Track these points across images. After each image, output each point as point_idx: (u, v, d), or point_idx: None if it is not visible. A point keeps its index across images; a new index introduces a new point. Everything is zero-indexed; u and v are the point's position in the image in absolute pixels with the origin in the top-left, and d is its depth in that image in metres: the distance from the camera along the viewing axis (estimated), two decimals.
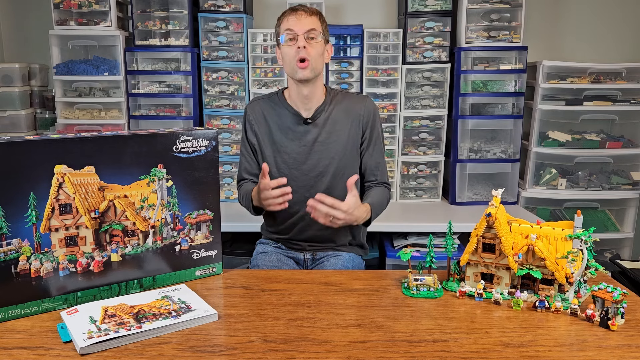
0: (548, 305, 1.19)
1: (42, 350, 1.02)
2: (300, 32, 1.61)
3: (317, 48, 1.64)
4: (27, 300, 1.15)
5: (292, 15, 1.64)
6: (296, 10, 1.65)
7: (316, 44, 1.63)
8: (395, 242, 2.56)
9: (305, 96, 1.69)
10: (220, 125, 2.78)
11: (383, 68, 2.73)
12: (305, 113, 1.72)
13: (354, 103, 1.75)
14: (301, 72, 1.63)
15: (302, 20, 1.62)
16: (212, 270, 1.41)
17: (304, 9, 1.65)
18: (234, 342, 1.05)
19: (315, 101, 1.72)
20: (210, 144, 1.35)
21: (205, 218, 1.38)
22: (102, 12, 2.68)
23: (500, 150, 2.79)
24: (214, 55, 2.74)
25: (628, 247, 2.86)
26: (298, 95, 1.70)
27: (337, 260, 1.74)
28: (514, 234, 1.29)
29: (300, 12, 1.64)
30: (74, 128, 2.75)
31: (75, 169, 1.17)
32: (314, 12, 1.66)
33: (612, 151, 2.79)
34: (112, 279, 1.26)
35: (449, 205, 2.79)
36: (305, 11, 1.65)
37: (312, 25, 1.63)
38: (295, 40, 1.62)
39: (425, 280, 1.31)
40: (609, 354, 1.01)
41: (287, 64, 1.66)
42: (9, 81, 2.84)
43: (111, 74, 2.71)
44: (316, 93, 1.71)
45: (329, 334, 1.08)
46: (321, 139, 1.71)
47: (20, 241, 1.13)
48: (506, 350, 1.02)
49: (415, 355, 1.00)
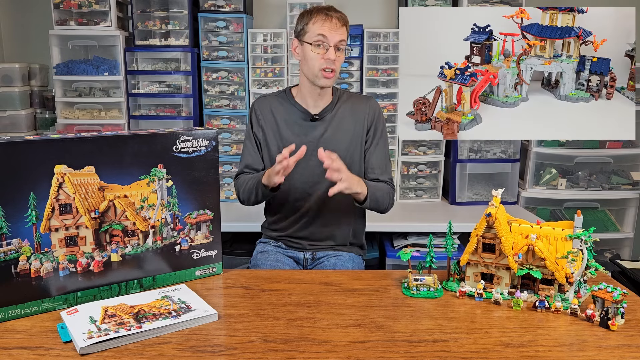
0: (548, 305, 1.19)
1: (42, 350, 1.02)
2: (332, 42, 1.61)
3: (342, 58, 1.66)
4: (27, 300, 1.15)
5: (327, 20, 1.60)
6: (330, 15, 1.61)
7: (341, 54, 1.65)
8: (395, 242, 2.56)
9: (318, 94, 1.72)
10: (220, 125, 2.78)
11: (383, 68, 2.73)
12: (313, 110, 1.74)
13: (359, 103, 1.77)
14: (325, 81, 1.65)
15: (336, 29, 1.61)
16: (212, 270, 1.41)
17: (337, 16, 1.62)
18: (234, 342, 1.05)
19: (324, 101, 1.74)
20: (210, 144, 1.35)
21: (205, 218, 1.38)
22: (102, 12, 2.68)
23: (500, 150, 2.79)
24: (214, 55, 2.74)
25: (628, 247, 2.86)
26: (311, 94, 1.72)
27: (337, 260, 1.74)
28: (514, 234, 1.29)
29: (335, 19, 1.61)
30: (74, 128, 2.75)
31: (75, 169, 1.17)
32: (345, 21, 1.65)
33: (612, 151, 2.79)
34: (112, 279, 1.26)
35: (449, 205, 2.79)
36: (339, 19, 1.62)
37: (343, 37, 1.63)
38: (326, 49, 1.61)
39: (425, 280, 1.31)
40: (609, 354, 1.01)
41: (309, 67, 1.65)
42: (9, 81, 2.84)
43: (111, 74, 2.71)
44: (326, 93, 1.74)
45: (329, 334, 1.08)
46: (327, 136, 1.73)
47: (20, 241, 1.13)
48: (506, 350, 1.02)
49: (415, 355, 1.00)
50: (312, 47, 1.62)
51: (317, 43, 1.62)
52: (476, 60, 2.29)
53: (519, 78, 2.24)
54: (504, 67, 2.25)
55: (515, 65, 2.24)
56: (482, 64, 2.29)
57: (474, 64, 2.29)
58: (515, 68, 2.24)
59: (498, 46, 2.26)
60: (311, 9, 1.66)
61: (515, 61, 2.24)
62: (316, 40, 1.62)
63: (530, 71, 2.24)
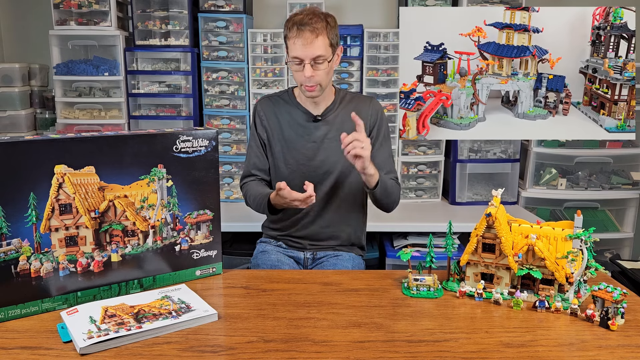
0: (548, 305, 1.19)
1: (42, 350, 1.02)
2: (307, 59, 1.58)
3: (323, 70, 1.61)
4: (27, 300, 1.15)
5: (299, 37, 1.57)
6: (301, 29, 1.56)
7: (322, 66, 1.61)
8: (395, 242, 2.56)
9: (314, 101, 1.72)
10: (220, 125, 2.78)
11: (383, 68, 2.73)
12: (316, 111, 1.74)
13: (361, 104, 1.77)
14: (308, 94, 1.66)
15: (308, 46, 1.57)
16: (212, 270, 1.41)
17: (310, 29, 1.56)
18: (234, 342, 1.05)
19: (325, 102, 1.74)
20: (210, 144, 1.35)
21: (205, 218, 1.38)
22: (102, 12, 2.68)
23: (500, 150, 2.79)
24: (214, 55, 2.74)
25: (628, 247, 2.86)
26: (307, 99, 1.73)
27: (337, 260, 1.74)
28: (514, 234, 1.29)
29: (307, 32, 1.56)
30: (74, 128, 2.75)
31: (75, 169, 1.17)
32: (321, 30, 1.58)
33: (612, 151, 2.79)
34: (112, 279, 1.26)
35: (449, 205, 2.79)
36: (312, 32, 1.56)
37: (317, 52, 1.57)
38: (303, 66, 1.60)
39: (425, 280, 1.31)
40: (609, 354, 1.01)
41: (295, 80, 1.67)
42: (9, 81, 2.84)
43: (111, 74, 2.71)
44: (325, 96, 1.73)
45: (329, 334, 1.08)
46: (330, 136, 1.73)
47: (20, 241, 1.13)
48: (506, 350, 1.02)
49: (415, 355, 1.00)
50: (291, 64, 1.63)
51: (293, 62, 1.61)
52: (429, 80, 2.22)
53: (475, 98, 2.20)
54: (458, 87, 2.19)
55: (471, 85, 2.19)
56: (435, 84, 2.21)
57: (426, 83, 2.22)
58: (470, 88, 2.19)
59: (453, 65, 2.21)
60: (288, 20, 1.62)
61: (471, 80, 2.19)
62: (292, 60, 1.61)
63: (486, 90, 2.21)
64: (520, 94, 2.22)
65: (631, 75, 2.11)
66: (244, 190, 1.80)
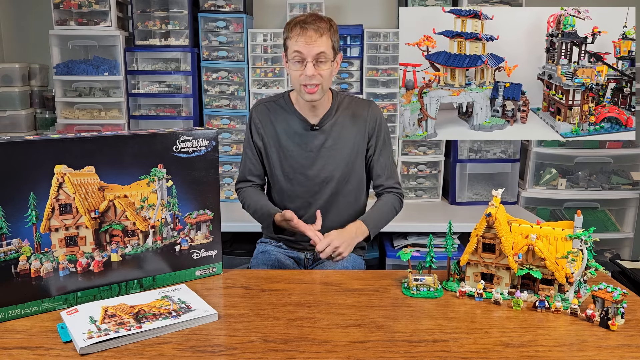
0: (548, 305, 1.19)
1: (42, 350, 1.02)
2: (309, 57, 1.54)
3: (325, 70, 1.58)
4: (27, 300, 1.15)
5: (302, 34, 1.54)
6: (305, 27, 1.54)
7: (325, 66, 1.58)
8: (395, 242, 2.56)
9: (312, 106, 1.69)
10: (220, 125, 2.78)
11: (383, 68, 2.73)
12: (313, 119, 1.71)
13: (360, 109, 1.74)
14: (308, 96, 1.60)
15: (312, 43, 1.54)
16: (212, 270, 1.41)
17: (314, 28, 1.54)
18: (234, 342, 1.05)
19: (322, 109, 1.71)
20: (210, 144, 1.35)
21: (205, 218, 1.38)
22: (102, 12, 2.68)
23: (500, 150, 2.79)
24: (214, 55, 2.74)
25: (628, 247, 2.86)
26: (305, 104, 1.69)
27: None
28: (514, 234, 1.29)
29: (311, 30, 1.54)
30: (74, 128, 2.75)
31: (75, 169, 1.17)
32: (324, 30, 1.56)
33: (612, 151, 2.79)
34: (112, 279, 1.26)
35: (449, 205, 2.79)
36: (316, 31, 1.54)
37: (321, 49, 1.55)
38: (304, 65, 1.56)
39: (425, 280, 1.31)
40: (609, 354, 1.01)
41: (293, 82, 1.63)
42: (9, 81, 2.84)
43: (111, 74, 2.71)
44: (323, 102, 1.69)
45: (329, 334, 1.08)
46: (328, 145, 1.71)
47: (20, 241, 1.13)
48: (506, 350, 1.02)
49: (415, 355, 1.00)
50: (292, 64, 1.59)
51: (294, 60, 1.58)
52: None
53: (422, 113, 2.08)
54: (401, 103, 2.06)
55: (417, 100, 2.07)
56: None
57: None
58: (417, 102, 2.07)
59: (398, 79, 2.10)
60: (290, 22, 1.60)
61: (417, 94, 2.07)
62: (293, 57, 1.57)
63: (435, 104, 2.10)
64: (475, 105, 2.14)
65: (581, 81, 2.09)
66: (241, 197, 1.80)
